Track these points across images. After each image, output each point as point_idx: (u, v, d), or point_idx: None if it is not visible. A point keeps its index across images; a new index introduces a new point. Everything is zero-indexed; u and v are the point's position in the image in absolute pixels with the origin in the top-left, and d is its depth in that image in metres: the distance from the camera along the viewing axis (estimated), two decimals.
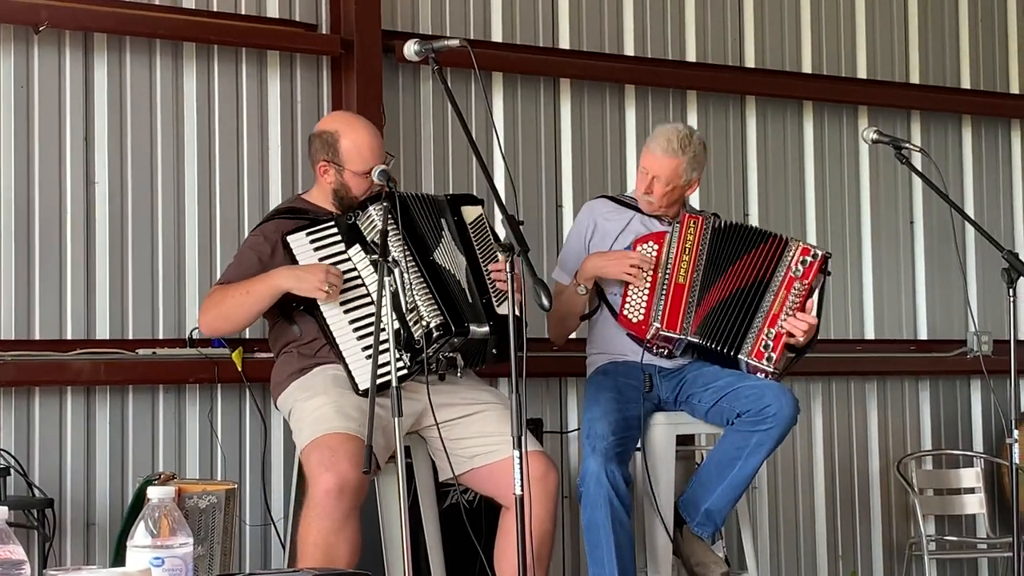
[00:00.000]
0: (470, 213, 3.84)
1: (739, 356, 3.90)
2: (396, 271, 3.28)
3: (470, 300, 3.66)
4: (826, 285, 4.06)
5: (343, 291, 3.60)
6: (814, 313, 3.91)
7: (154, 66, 4.41)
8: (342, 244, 3.66)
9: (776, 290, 3.93)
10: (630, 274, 3.95)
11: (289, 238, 3.66)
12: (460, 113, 3.41)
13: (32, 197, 4.22)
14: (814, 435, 5.47)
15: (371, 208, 3.61)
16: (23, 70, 4.23)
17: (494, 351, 3.70)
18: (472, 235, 3.79)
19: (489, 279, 3.71)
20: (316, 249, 3.65)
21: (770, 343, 3.89)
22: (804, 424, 5.44)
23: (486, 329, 3.63)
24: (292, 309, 3.70)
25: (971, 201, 5.84)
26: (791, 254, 3.97)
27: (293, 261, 3.65)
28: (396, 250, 3.56)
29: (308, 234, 3.67)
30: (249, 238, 3.88)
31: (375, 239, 3.51)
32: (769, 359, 3.88)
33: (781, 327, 3.89)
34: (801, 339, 3.89)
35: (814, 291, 3.93)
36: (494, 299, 3.68)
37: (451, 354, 3.64)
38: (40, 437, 4.17)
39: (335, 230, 3.68)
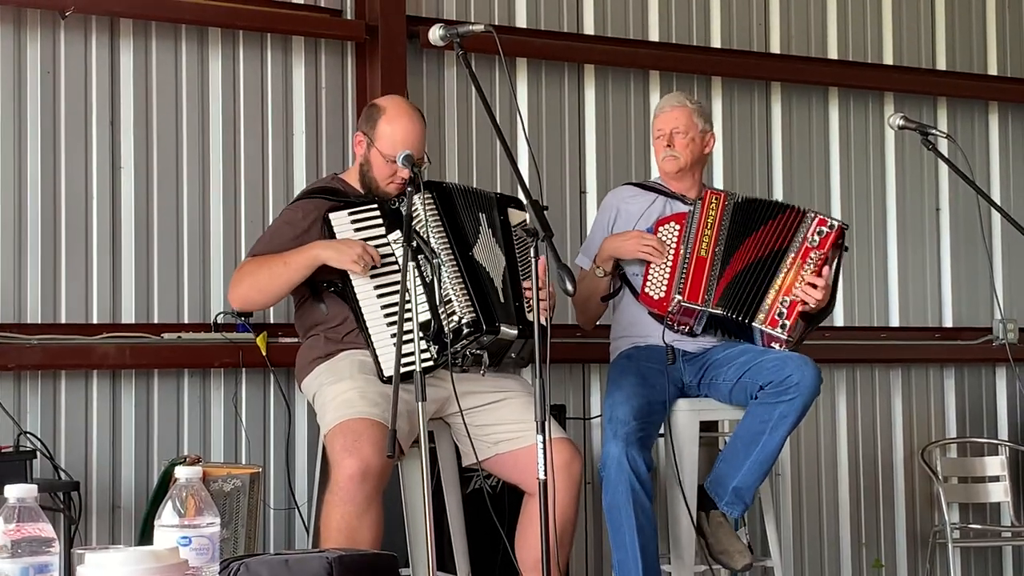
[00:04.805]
0: (515, 216, 3.83)
1: (753, 324, 3.90)
2: (435, 262, 3.27)
3: (503, 300, 3.65)
4: (842, 259, 4.05)
5: (378, 275, 3.60)
6: (829, 282, 3.90)
7: (179, 51, 4.42)
8: (383, 228, 3.66)
9: (792, 259, 3.93)
10: (645, 252, 3.96)
11: (331, 215, 3.66)
12: (484, 98, 3.40)
13: (58, 181, 4.24)
14: (838, 423, 5.45)
15: (416, 196, 3.56)
16: (49, 55, 4.24)
17: (513, 355, 3.69)
18: (515, 239, 3.78)
19: (524, 286, 3.70)
20: (357, 230, 3.66)
21: (784, 311, 3.89)
22: (828, 411, 5.42)
23: (515, 332, 3.61)
24: (323, 289, 3.70)
25: (998, 188, 5.79)
26: (808, 224, 3.97)
27: (331, 238, 3.64)
28: (437, 241, 3.56)
29: (350, 213, 3.67)
30: (284, 212, 3.87)
31: (416, 227, 3.50)
32: (783, 327, 3.88)
33: (795, 295, 3.89)
34: (813, 305, 3.88)
35: (830, 262, 3.93)
36: (525, 306, 3.67)
37: (478, 351, 3.62)
38: (66, 420, 4.19)
39: (377, 213, 3.68)
